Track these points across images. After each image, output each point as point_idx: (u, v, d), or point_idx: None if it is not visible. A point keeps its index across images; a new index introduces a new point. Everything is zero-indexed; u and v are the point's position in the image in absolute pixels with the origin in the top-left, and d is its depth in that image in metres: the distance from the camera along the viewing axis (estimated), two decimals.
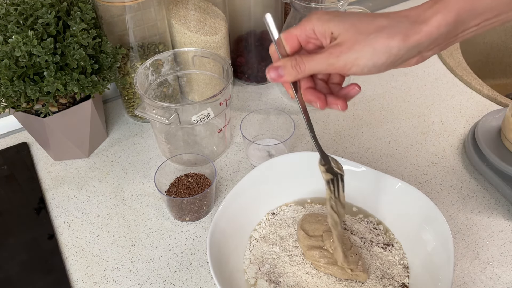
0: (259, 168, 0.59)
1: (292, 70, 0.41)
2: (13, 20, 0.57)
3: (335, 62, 0.39)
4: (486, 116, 0.71)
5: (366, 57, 0.39)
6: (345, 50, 0.39)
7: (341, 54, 0.39)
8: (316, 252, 0.53)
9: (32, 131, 0.68)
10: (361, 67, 0.39)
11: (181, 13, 0.71)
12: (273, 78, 0.43)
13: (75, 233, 0.61)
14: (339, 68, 0.40)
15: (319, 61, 0.40)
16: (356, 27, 0.39)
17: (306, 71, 0.41)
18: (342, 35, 0.39)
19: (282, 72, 0.42)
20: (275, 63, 0.43)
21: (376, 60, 0.39)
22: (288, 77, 0.42)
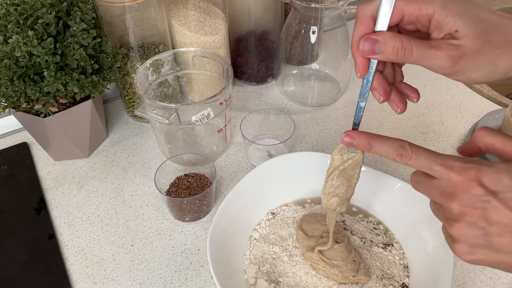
0: (259, 168, 0.59)
1: (392, 51, 0.36)
2: (13, 20, 0.57)
3: (448, 67, 0.35)
4: (486, 116, 0.71)
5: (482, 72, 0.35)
6: (466, 58, 0.34)
7: (460, 60, 0.35)
8: (314, 254, 0.53)
9: (32, 131, 0.68)
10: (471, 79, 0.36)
11: (181, 13, 0.71)
12: (364, 51, 0.37)
13: (75, 233, 0.61)
14: (447, 72, 0.36)
15: (430, 57, 0.35)
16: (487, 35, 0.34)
17: (409, 60, 0.36)
18: (467, 38, 0.34)
19: (379, 49, 0.36)
20: (374, 35, 0.36)
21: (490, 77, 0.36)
22: (383, 57, 0.36)
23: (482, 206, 0.34)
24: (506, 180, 0.34)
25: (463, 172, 0.35)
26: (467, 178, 0.34)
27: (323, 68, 0.82)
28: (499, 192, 0.34)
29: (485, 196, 0.34)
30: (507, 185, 0.34)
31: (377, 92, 0.40)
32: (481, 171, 0.34)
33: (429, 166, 0.37)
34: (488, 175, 0.34)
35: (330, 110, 0.80)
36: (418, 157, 0.37)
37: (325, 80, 0.82)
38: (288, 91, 0.82)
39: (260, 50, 0.81)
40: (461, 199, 0.35)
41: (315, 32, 0.74)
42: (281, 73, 0.81)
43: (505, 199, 0.33)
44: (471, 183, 0.34)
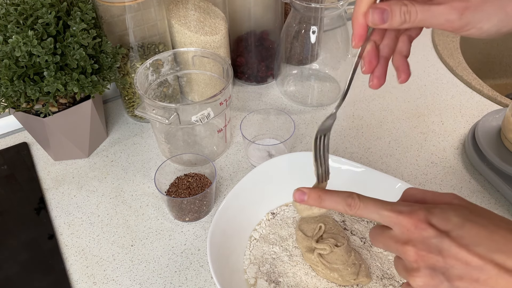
0: (259, 168, 0.59)
1: (399, 16, 0.35)
2: (13, 20, 0.57)
3: (456, 20, 0.34)
4: (486, 116, 0.71)
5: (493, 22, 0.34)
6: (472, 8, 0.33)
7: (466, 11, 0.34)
8: (314, 256, 0.52)
9: (32, 131, 0.68)
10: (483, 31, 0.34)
11: (181, 13, 0.71)
12: (375, 22, 0.37)
13: (75, 233, 0.61)
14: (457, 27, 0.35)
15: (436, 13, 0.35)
16: None
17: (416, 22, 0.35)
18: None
19: (387, 17, 0.36)
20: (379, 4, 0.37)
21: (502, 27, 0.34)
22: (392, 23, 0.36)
23: (436, 248, 0.33)
24: (454, 218, 0.34)
25: (412, 214, 0.35)
26: (416, 220, 0.34)
27: (323, 68, 0.82)
28: (450, 231, 0.33)
29: (438, 237, 0.33)
30: (456, 223, 0.33)
31: (363, 61, 0.40)
32: (429, 212, 0.34)
33: (378, 212, 0.36)
34: (437, 215, 0.34)
35: (330, 110, 0.79)
36: (366, 205, 0.37)
37: (325, 80, 0.82)
38: (288, 91, 0.82)
39: (260, 50, 0.81)
40: (415, 243, 0.34)
41: (315, 32, 0.74)
42: (281, 73, 0.81)
43: (457, 237, 0.33)
44: (421, 225, 0.34)
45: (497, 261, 0.32)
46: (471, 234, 0.33)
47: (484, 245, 0.32)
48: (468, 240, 0.33)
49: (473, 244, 0.32)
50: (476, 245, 0.32)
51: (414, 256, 0.34)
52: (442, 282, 0.33)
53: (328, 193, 0.40)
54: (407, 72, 0.42)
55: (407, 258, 0.35)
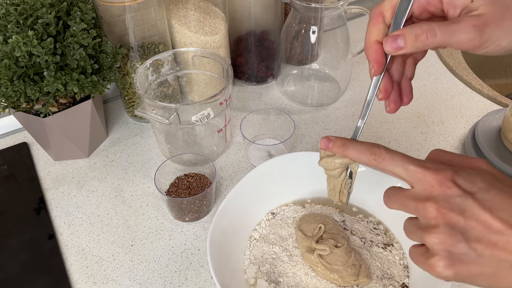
0: (259, 168, 0.59)
1: (415, 39, 0.35)
2: (13, 20, 0.57)
3: (476, 37, 0.34)
4: (486, 116, 0.71)
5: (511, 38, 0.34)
6: (491, 25, 0.34)
7: (486, 28, 0.34)
8: (314, 257, 0.52)
9: (32, 131, 0.68)
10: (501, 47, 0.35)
11: (181, 13, 0.71)
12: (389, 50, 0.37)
13: (75, 233, 0.61)
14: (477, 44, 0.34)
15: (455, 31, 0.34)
16: None
17: (435, 42, 0.35)
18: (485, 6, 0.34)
19: (402, 43, 0.36)
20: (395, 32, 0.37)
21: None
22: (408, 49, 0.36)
23: (459, 208, 0.33)
24: (480, 183, 0.34)
25: (438, 171, 0.34)
26: (443, 177, 0.34)
27: (323, 68, 0.82)
28: (475, 193, 0.33)
29: (462, 196, 0.33)
30: (481, 187, 0.33)
31: (380, 89, 0.40)
32: (456, 172, 0.34)
33: (404, 166, 0.36)
34: (463, 177, 0.34)
35: (330, 110, 0.80)
36: (392, 157, 0.37)
37: (325, 80, 0.82)
38: (288, 91, 0.82)
39: (260, 50, 0.81)
40: (438, 200, 0.34)
41: (315, 32, 0.74)
42: (281, 73, 0.81)
43: (481, 200, 0.33)
44: (447, 183, 0.34)
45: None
46: (495, 199, 0.33)
47: (507, 211, 0.32)
48: (492, 204, 0.33)
49: (496, 209, 0.32)
50: (500, 210, 0.32)
51: (434, 213, 0.34)
52: (460, 241, 0.33)
53: (353, 142, 0.40)
54: (409, 96, 0.43)
55: (426, 215, 0.34)
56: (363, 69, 0.88)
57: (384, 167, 0.37)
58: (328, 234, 0.54)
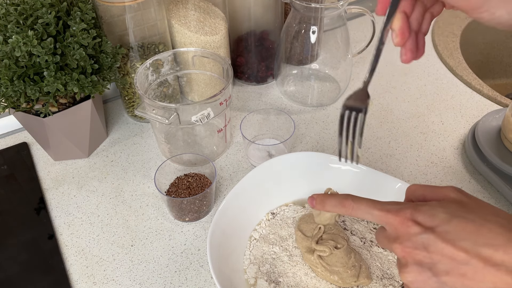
0: (259, 168, 0.59)
1: None
2: (13, 20, 0.57)
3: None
4: (486, 116, 0.71)
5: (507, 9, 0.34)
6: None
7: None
8: (313, 257, 0.52)
9: (32, 131, 0.68)
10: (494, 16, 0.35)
11: (181, 13, 0.71)
12: None
13: (75, 233, 0.61)
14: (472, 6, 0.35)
15: None
16: None
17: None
18: None
19: None
20: None
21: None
22: None
23: (422, 245, 0.34)
24: (441, 215, 0.34)
25: (398, 212, 0.36)
26: (403, 218, 0.35)
27: (323, 68, 0.82)
28: (436, 227, 0.34)
29: (423, 233, 0.34)
30: (442, 219, 0.34)
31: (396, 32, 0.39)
32: (416, 209, 0.35)
33: (369, 213, 0.38)
34: (423, 212, 0.35)
35: (330, 110, 0.80)
36: (359, 206, 0.39)
37: (325, 80, 0.82)
38: (288, 91, 0.82)
39: (260, 50, 0.81)
40: (402, 240, 0.35)
41: (315, 32, 0.74)
42: (281, 73, 0.81)
43: (442, 232, 0.33)
44: (407, 223, 0.35)
45: (484, 255, 0.32)
46: (457, 229, 0.33)
47: (470, 240, 0.33)
48: (453, 235, 0.33)
49: (458, 239, 0.33)
50: (462, 239, 0.33)
51: (401, 253, 0.35)
52: (430, 277, 0.34)
53: (328, 197, 0.43)
54: (422, 49, 0.42)
55: (396, 255, 0.36)
56: (363, 69, 0.88)
57: (355, 215, 0.40)
58: (328, 235, 0.54)
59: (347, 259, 0.51)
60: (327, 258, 0.52)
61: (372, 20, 0.74)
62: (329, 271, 0.51)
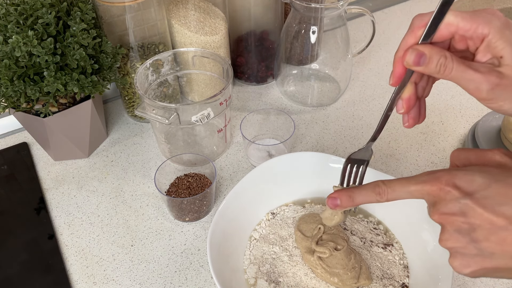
0: (259, 168, 0.59)
1: (435, 66, 0.36)
2: (13, 20, 0.57)
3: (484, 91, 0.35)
4: (486, 116, 0.71)
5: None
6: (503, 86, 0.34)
7: (497, 88, 0.35)
8: (313, 258, 0.52)
9: (32, 131, 0.68)
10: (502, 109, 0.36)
11: (181, 13, 0.71)
12: (409, 62, 0.37)
13: (75, 233, 0.61)
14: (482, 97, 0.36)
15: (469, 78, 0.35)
16: None
17: (447, 77, 0.36)
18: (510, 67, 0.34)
19: (424, 62, 0.36)
20: (420, 47, 0.36)
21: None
22: (426, 70, 0.36)
23: (460, 210, 0.33)
24: (479, 179, 0.34)
25: (434, 181, 0.35)
26: (440, 185, 0.35)
27: (323, 68, 0.82)
28: (474, 192, 0.33)
29: (461, 199, 0.34)
30: (481, 184, 0.33)
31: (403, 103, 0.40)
32: (452, 175, 0.35)
33: (406, 191, 0.37)
34: (460, 177, 0.34)
35: (330, 110, 0.80)
36: (394, 188, 0.38)
37: (325, 80, 0.82)
38: (288, 91, 0.82)
39: (260, 50, 0.81)
40: (439, 207, 0.35)
41: (315, 32, 0.74)
42: (281, 73, 0.81)
43: (481, 199, 0.33)
44: (445, 188, 0.34)
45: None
46: (496, 194, 0.33)
47: (510, 205, 0.32)
48: (492, 200, 0.33)
49: (498, 204, 0.32)
50: (502, 204, 0.32)
51: (438, 220, 0.35)
52: (469, 243, 0.34)
53: (357, 190, 0.41)
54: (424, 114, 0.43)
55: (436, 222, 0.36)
56: (363, 69, 0.88)
57: (393, 199, 0.39)
58: (328, 235, 0.54)
59: (347, 260, 0.51)
60: (327, 260, 0.52)
61: (372, 20, 0.74)
62: (329, 273, 0.51)
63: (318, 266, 0.52)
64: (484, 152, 0.38)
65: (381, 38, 0.95)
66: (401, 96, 0.41)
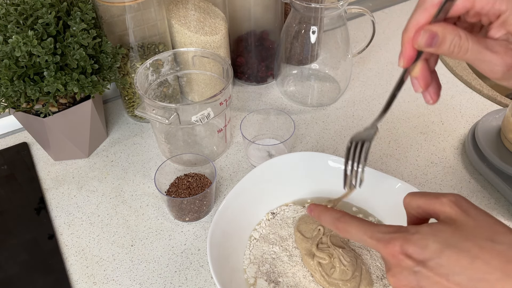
0: (259, 168, 0.59)
1: (449, 45, 0.34)
2: (13, 20, 0.57)
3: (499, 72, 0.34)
4: (486, 116, 0.71)
5: None
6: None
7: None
8: (313, 262, 0.52)
9: (32, 131, 0.68)
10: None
11: (181, 13, 0.71)
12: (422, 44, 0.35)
13: (75, 233, 0.62)
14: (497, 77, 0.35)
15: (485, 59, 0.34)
16: None
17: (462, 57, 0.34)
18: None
19: (437, 42, 0.34)
20: (432, 27, 0.34)
21: None
22: (439, 50, 0.35)
23: (415, 280, 0.33)
24: (432, 245, 0.33)
25: (389, 244, 0.34)
26: (393, 251, 0.34)
27: (323, 68, 0.82)
28: (428, 260, 0.32)
29: (415, 267, 0.33)
30: (434, 250, 0.32)
31: (419, 81, 0.38)
32: (406, 240, 0.34)
33: (360, 238, 0.37)
34: (414, 244, 0.33)
35: (330, 110, 0.80)
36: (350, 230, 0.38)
37: (325, 80, 0.82)
38: (288, 91, 0.82)
39: (260, 50, 0.81)
40: (394, 274, 0.34)
41: (315, 32, 0.74)
42: (281, 73, 0.81)
43: (435, 267, 0.32)
44: (398, 256, 0.34)
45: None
46: (450, 262, 0.32)
47: (465, 274, 0.31)
48: (447, 269, 0.32)
49: (452, 273, 0.31)
50: (456, 274, 0.31)
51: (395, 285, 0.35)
52: None
53: (324, 213, 0.42)
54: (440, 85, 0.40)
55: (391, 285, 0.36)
56: (363, 69, 0.88)
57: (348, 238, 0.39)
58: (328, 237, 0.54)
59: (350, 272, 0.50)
60: (326, 267, 0.51)
61: (372, 20, 0.74)
62: (328, 282, 0.51)
63: (317, 272, 0.52)
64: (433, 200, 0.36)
65: (381, 38, 0.95)
66: (411, 74, 0.38)
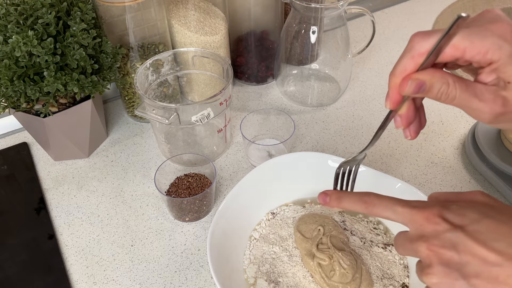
0: (259, 168, 0.59)
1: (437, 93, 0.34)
2: (13, 20, 0.57)
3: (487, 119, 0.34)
4: None
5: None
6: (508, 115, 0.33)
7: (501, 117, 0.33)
8: (313, 263, 0.52)
9: (32, 131, 0.68)
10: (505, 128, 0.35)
11: (181, 13, 0.71)
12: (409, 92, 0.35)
13: (75, 233, 0.61)
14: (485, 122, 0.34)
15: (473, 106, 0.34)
16: None
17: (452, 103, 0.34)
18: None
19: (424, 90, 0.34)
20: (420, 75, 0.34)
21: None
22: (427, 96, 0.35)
23: (451, 243, 0.32)
24: (471, 214, 0.32)
25: (425, 209, 0.34)
26: (430, 214, 0.33)
27: (323, 68, 0.82)
28: (466, 225, 0.32)
29: (452, 231, 0.32)
30: (472, 218, 0.32)
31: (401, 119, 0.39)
32: (444, 207, 0.33)
33: (392, 209, 0.36)
34: (452, 211, 0.33)
35: (330, 110, 0.80)
36: (381, 202, 0.37)
37: (325, 80, 0.82)
38: (288, 91, 0.82)
39: (260, 50, 0.81)
40: (428, 238, 0.33)
41: (315, 32, 0.74)
42: (281, 73, 0.81)
43: (473, 232, 0.31)
44: (435, 219, 0.33)
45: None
46: (489, 230, 0.31)
47: (504, 241, 0.30)
48: (485, 235, 0.31)
49: (491, 240, 0.31)
50: (495, 240, 0.31)
51: (425, 252, 0.33)
52: (457, 279, 0.31)
53: (347, 194, 0.40)
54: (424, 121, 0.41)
55: (420, 255, 0.33)
56: (363, 69, 0.88)
57: (376, 213, 0.37)
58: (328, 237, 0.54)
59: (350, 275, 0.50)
60: (326, 269, 0.51)
61: (372, 20, 0.74)
62: (328, 285, 0.51)
63: (317, 273, 0.52)
64: (465, 193, 0.36)
65: (381, 38, 0.95)
66: (398, 112, 0.38)
